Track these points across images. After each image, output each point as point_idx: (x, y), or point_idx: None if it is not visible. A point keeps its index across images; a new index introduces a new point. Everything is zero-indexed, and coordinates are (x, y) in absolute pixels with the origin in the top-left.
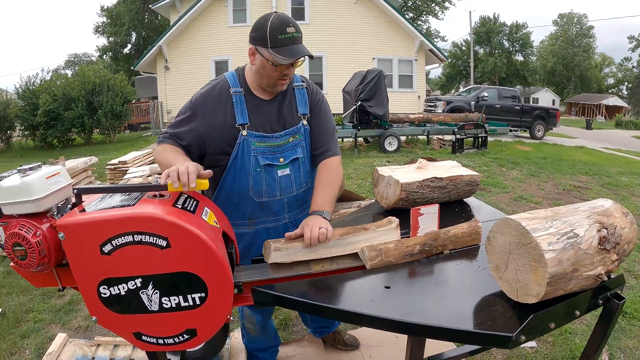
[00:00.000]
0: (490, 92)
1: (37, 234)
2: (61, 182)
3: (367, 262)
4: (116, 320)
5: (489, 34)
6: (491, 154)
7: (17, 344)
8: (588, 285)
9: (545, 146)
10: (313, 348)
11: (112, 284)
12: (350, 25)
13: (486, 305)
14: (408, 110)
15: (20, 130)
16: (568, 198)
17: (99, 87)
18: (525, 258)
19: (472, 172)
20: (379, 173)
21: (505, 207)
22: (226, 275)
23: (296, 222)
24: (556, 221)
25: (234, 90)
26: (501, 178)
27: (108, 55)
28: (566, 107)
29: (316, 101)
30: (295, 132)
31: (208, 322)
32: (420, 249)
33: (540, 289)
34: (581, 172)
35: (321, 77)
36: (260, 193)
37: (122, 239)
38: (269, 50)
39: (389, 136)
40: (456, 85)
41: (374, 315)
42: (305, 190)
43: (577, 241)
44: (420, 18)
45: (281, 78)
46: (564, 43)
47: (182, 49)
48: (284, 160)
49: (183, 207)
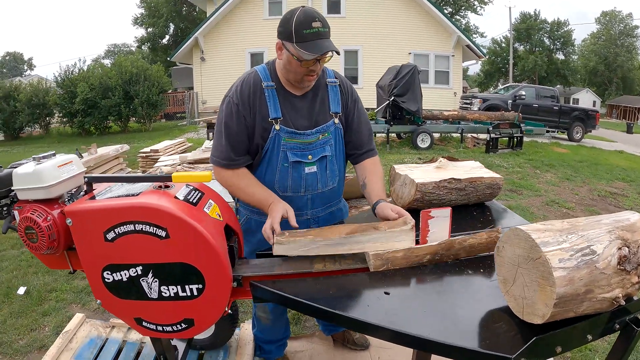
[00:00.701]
0: (528, 91)
1: (48, 219)
2: (73, 171)
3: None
4: (119, 304)
5: (529, 31)
6: (526, 155)
7: (38, 321)
8: (603, 309)
9: (583, 149)
10: (322, 345)
11: (115, 270)
12: (386, 19)
13: (490, 320)
14: (443, 107)
15: (59, 117)
16: (603, 205)
17: (135, 76)
18: (534, 274)
19: (494, 175)
20: (395, 171)
21: (536, 211)
22: (223, 269)
23: (318, 219)
24: (572, 235)
25: (267, 84)
26: (534, 180)
27: (146, 46)
28: (607, 109)
29: (352, 100)
30: (325, 130)
31: (205, 314)
32: (431, 259)
33: (546, 309)
34: (618, 178)
35: (356, 72)
36: (285, 188)
37: (124, 228)
38: (294, 45)
39: (421, 133)
40: (495, 83)
41: (366, 321)
42: (331, 188)
43: (593, 259)
44: (459, 13)
45: (308, 74)
46: (606, 42)
47: (218, 41)
48: (312, 157)
49: (185, 199)
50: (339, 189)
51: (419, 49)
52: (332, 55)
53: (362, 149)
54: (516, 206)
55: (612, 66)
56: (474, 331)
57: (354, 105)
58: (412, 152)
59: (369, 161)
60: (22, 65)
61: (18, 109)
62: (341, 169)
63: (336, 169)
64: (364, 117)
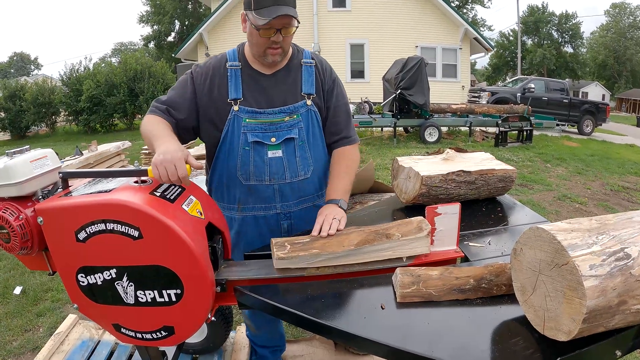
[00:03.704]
0: (537, 84)
1: (20, 218)
2: (47, 166)
3: (398, 290)
4: (96, 309)
5: (538, 24)
6: (536, 149)
7: (33, 322)
8: (636, 321)
9: (593, 142)
10: (323, 349)
11: (89, 272)
12: (393, 12)
13: (505, 334)
14: (451, 100)
15: (64, 116)
16: (616, 200)
17: (140, 74)
18: (559, 282)
19: (507, 167)
20: (398, 163)
21: (548, 206)
22: (203, 272)
23: (290, 214)
24: (603, 235)
25: (230, 64)
26: (545, 175)
27: (152, 43)
28: (616, 102)
29: (328, 82)
30: (293, 111)
31: (185, 321)
32: (475, 285)
33: (573, 325)
34: (630, 172)
35: (363, 65)
36: (247, 175)
37: (95, 227)
38: (252, 12)
39: (429, 126)
40: (503, 76)
41: (361, 335)
42: (302, 180)
43: (628, 264)
44: (466, 6)
45: (270, 46)
46: (615, 35)
47: (223, 37)
48: (276, 140)
49: (162, 195)
50: (316, 182)
51: (426, 42)
52: (298, 26)
53: (336, 135)
54: (527, 201)
55: (621, 59)
56: (487, 347)
57: (331, 87)
58: (420, 146)
59: (339, 150)
60: (29, 65)
61: (24, 108)
62: (319, 158)
63: (309, 157)
64: (342, 101)
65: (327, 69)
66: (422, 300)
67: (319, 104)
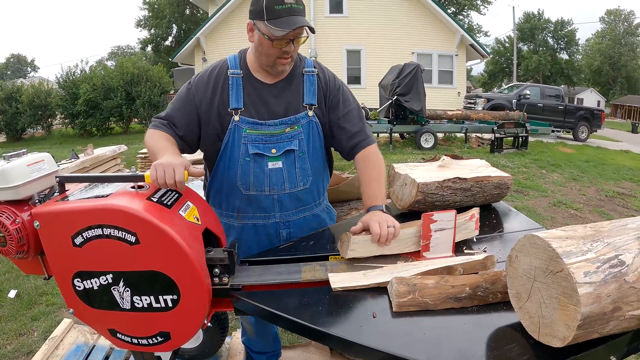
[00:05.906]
0: (532, 90)
1: (17, 222)
2: (44, 170)
3: (394, 299)
4: (92, 314)
5: (533, 31)
6: (531, 155)
7: (27, 326)
8: (630, 327)
9: (589, 149)
10: (319, 355)
11: (85, 277)
12: (390, 19)
13: (501, 341)
14: (447, 106)
15: (60, 119)
16: (611, 206)
17: (137, 77)
18: (554, 289)
19: (502, 174)
20: (395, 171)
21: (543, 212)
22: (199, 278)
23: (289, 223)
24: (597, 242)
25: (232, 71)
26: (540, 181)
27: (150, 47)
28: (611, 109)
29: (333, 91)
30: (294, 122)
31: (182, 327)
32: (471, 293)
33: (568, 332)
34: (625, 178)
35: (359, 71)
36: (247, 185)
37: (92, 232)
38: (265, 22)
39: (425, 132)
40: (498, 83)
41: (357, 342)
42: (302, 190)
43: (622, 271)
44: (462, 12)
45: (281, 56)
46: (610, 41)
47: (220, 41)
48: (277, 151)
49: (159, 201)
50: (315, 192)
51: (422, 48)
52: (308, 36)
53: (352, 140)
54: (522, 207)
55: (616, 65)
56: (482, 354)
57: (337, 96)
58: (416, 152)
59: (364, 155)
60: (26, 67)
61: (20, 110)
62: (318, 168)
63: (308, 168)
64: (352, 105)
65: (330, 77)
66: (418, 309)
67: (321, 114)
